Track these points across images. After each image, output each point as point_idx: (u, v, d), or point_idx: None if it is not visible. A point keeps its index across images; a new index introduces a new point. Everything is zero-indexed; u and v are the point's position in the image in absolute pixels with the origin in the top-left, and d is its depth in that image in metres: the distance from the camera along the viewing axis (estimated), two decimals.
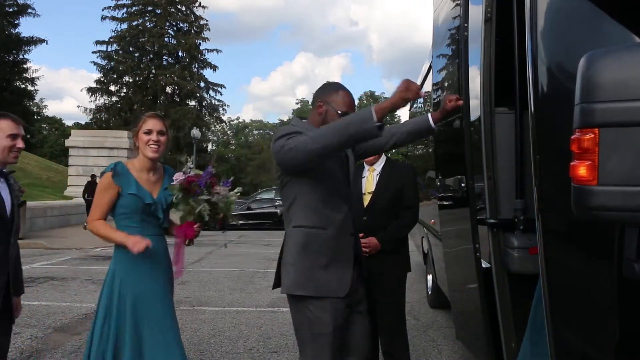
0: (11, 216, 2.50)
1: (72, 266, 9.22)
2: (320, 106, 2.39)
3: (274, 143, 2.29)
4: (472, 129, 3.02)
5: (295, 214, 2.34)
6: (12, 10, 34.42)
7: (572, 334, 2.02)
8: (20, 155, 2.57)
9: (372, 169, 3.33)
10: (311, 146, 2.13)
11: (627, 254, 1.70)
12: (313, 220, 2.30)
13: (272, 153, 2.38)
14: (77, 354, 4.29)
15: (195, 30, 40.47)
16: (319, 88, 2.48)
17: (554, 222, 2.04)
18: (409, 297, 6.36)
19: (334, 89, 2.43)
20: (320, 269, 2.28)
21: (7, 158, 2.50)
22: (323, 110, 2.38)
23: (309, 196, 2.31)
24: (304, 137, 2.18)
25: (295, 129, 2.28)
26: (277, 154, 2.25)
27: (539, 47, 2.01)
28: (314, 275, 2.27)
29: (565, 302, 2.00)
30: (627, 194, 1.50)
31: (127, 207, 2.55)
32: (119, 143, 22.50)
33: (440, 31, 3.94)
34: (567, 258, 2.03)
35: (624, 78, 1.51)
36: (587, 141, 1.54)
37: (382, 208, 3.22)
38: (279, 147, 2.23)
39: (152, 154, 2.59)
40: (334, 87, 2.44)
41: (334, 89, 2.43)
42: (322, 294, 2.27)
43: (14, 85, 35.25)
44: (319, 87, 2.50)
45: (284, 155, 2.21)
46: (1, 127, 2.47)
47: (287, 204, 2.37)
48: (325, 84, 2.49)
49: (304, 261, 2.29)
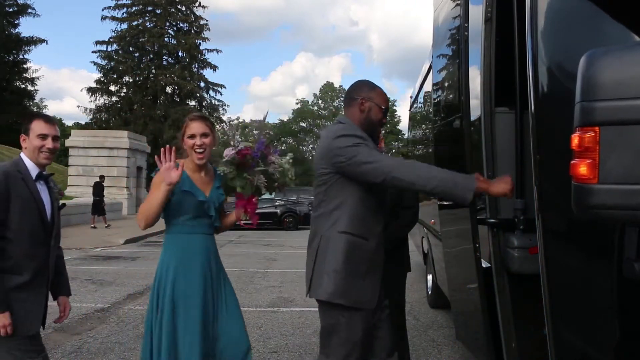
0: (52, 219, 2.48)
1: (72, 266, 9.22)
2: (363, 103, 2.47)
3: (332, 140, 2.32)
4: (472, 128, 3.02)
5: (341, 218, 2.33)
6: (12, 10, 34.43)
7: (572, 334, 2.02)
8: (54, 156, 2.50)
9: None
10: (396, 175, 2.18)
11: (627, 254, 1.70)
12: (359, 229, 2.33)
13: (324, 148, 2.37)
14: (77, 353, 4.29)
15: (195, 30, 40.46)
16: (355, 87, 2.55)
17: (554, 222, 2.04)
18: (409, 297, 6.35)
19: (372, 86, 2.54)
20: (360, 279, 2.32)
21: (39, 158, 2.44)
22: (366, 107, 2.46)
23: (358, 204, 2.33)
24: (388, 161, 2.22)
25: (356, 133, 2.33)
26: (348, 161, 2.26)
27: (539, 47, 2.01)
28: (355, 285, 2.32)
29: (565, 302, 2.00)
30: (627, 192, 1.50)
31: (180, 205, 2.53)
32: (119, 143, 22.50)
33: (441, 31, 3.94)
34: (567, 258, 2.03)
35: (625, 77, 1.51)
36: (588, 139, 1.54)
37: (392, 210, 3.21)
38: (350, 155, 2.25)
39: (199, 161, 2.58)
40: (371, 85, 2.54)
41: (371, 86, 2.54)
42: (359, 305, 2.33)
43: (14, 85, 35.25)
44: (354, 86, 2.57)
45: (356, 167, 2.25)
46: (32, 128, 2.44)
47: (330, 205, 2.36)
48: (360, 82, 2.57)
49: (348, 270, 2.30)
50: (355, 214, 2.33)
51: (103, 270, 8.77)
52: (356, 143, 2.28)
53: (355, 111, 2.48)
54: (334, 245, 2.32)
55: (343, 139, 2.30)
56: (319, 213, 2.40)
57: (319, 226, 2.40)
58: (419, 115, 7.44)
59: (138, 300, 6.40)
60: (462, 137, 3.05)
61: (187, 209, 2.54)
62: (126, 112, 38.18)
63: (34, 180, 2.42)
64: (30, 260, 2.39)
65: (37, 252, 2.42)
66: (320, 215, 2.40)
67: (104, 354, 4.30)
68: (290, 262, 9.99)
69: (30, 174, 2.41)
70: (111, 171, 22.21)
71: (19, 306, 2.34)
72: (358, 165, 2.25)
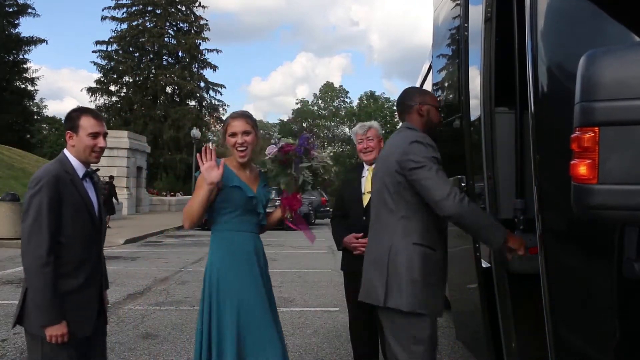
0: (99, 216, 2.43)
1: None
2: (421, 107, 2.55)
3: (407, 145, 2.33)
4: (472, 129, 3.02)
5: (413, 228, 2.35)
6: (12, 10, 34.44)
7: (572, 334, 2.02)
8: (102, 154, 2.43)
9: (371, 169, 3.32)
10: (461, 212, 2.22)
11: (627, 254, 1.70)
12: (429, 240, 2.38)
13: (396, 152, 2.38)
14: None
15: (195, 30, 40.50)
16: (407, 95, 2.63)
17: (554, 222, 2.04)
18: None
19: (422, 91, 2.72)
20: (433, 289, 2.38)
21: (89, 158, 2.37)
22: (424, 111, 2.54)
23: (428, 214, 2.35)
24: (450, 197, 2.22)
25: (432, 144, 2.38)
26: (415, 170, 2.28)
27: (539, 47, 2.01)
28: (432, 295, 2.36)
29: (565, 302, 2.00)
30: (627, 192, 1.50)
31: (229, 201, 2.48)
32: (119, 143, 22.51)
33: (441, 31, 3.94)
34: (567, 258, 2.03)
35: (624, 77, 1.51)
36: (588, 140, 1.54)
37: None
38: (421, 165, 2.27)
39: (241, 159, 2.54)
40: (421, 90, 2.71)
41: (421, 91, 2.72)
42: (437, 315, 2.41)
43: (14, 85, 35.24)
44: (405, 95, 2.64)
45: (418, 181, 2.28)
46: (82, 125, 2.32)
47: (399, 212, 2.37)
48: (409, 89, 2.68)
49: (425, 281, 2.33)
50: (426, 224, 2.37)
51: None
52: (431, 157, 2.31)
53: (415, 117, 2.55)
54: (408, 256, 2.33)
55: (419, 146, 2.33)
56: (385, 220, 2.41)
57: (385, 234, 2.40)
58: None
59: (138, 300, 6.40)
60: (462, 137, 3.05)
61: (236, 205, 2.49)
62: (126, 112, 38.22)
63: (81, 179, 2.35)
64: (84, 262, 2.34)
65: (90, 253, 2.38)
66: (385, 222, 2.41)
67: None
68: (290, 262, 9.98)
69: (77, 173, 2.34)
70: (111, 171, 22.19)
71: (73, 310, 2.29)
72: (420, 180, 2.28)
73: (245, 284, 2.48)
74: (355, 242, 3.19)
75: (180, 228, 19.97)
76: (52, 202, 2.20)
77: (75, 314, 2.30)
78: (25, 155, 26.42)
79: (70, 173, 2.31)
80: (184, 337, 4.89)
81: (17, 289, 6.97)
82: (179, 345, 4.58)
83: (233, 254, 2.49)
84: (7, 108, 32.28)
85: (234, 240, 2.52)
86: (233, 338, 2.41)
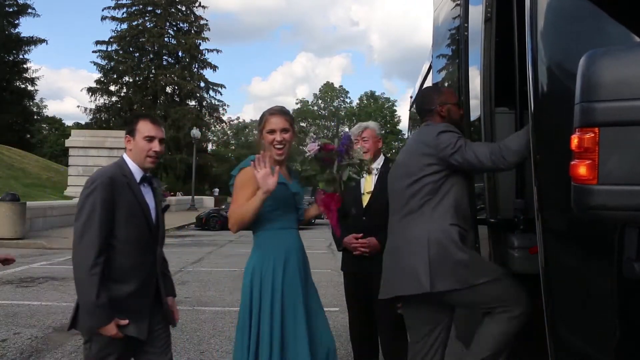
0: (157, 223, 2.37)
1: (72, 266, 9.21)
2: (441, 109, 2.61)
3: (435, 137, 2.42)
4: (472, 129, 3.02)
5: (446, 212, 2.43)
6: (12, 10, 34.47)
7: (572, 334, 2.02)
8: (158, 159, 2.37)
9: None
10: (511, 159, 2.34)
11: (627, 254, 1.70)
12: (463, 222, 2.46)
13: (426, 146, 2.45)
14: (77, 353, 4.29)
15: (195, 30, 40.52)
16: (424, 99, 2.71)
17: (554, 222, 2.03)
18: None
19: (438, 90, 2.77)
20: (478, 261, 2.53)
21: (144, 162, 2.33)
22: (445, 111, 2.61)
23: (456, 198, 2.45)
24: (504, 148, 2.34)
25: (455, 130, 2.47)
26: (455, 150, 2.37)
27: (539, 47, 2.01)
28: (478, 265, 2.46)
29: (565, 302, 2.00)
30: (627, 193, 1.50)
31: (273, 198, 2.38)
32: (119, 143, 22.47)
33: (441, 31, 3.94)
34: (567, 258, 2.03)
35: (625, 77, 1.51)
36: (588, 140, 1.54)
37: (381, 208, 3.21)
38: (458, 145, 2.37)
39: (279, 157, 2.47)
40: (436, 89, 2.77)
41: (438, 90, 2.78)
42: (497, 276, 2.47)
43: (14, 85, 35.28)
44: (422, 99, 2.73)
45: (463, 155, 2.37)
46: (138, 128, 2.31)
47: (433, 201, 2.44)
48: (425, 92, 2.78)
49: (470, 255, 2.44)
50: (455, 207, 2.44)
51: None
52: (459, 137, 2.42)
53: (437, 119, 2.60)
54: (447, 237, 2.39)
55: (447, 134, 2.42)
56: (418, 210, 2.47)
57: (416, 223, 2.46)
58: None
59: None
60: None
61: (279, 202, 2.43)
62: (126, 112, 38.21)
63: (138, 184, 2.31)
64: (137, 268, 2.29)
65: (144, 260, 2.32)
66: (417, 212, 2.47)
67: None
68: None
69: (134, 177, 2.30)
70: None
71: (125, 316, 2.22)
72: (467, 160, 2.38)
73: (295, 283, 2.43)
74: (355, 243, 3.19)
75: (180, 228, 20.02)
76: (105, 203, 2.17)
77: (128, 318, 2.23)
78: (25, 155, 26.44)
79: (128, 177, 2.27)
80: (184, 337, 4.89)
81: (17, 289, 6.97)
82: (179, 345, 4.58)
83: (279, 252, 2.43)
84: (7, 108, 32.30)
85: (281, 239, 2.47)
86: (278, 339, 2.35)
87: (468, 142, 2.43)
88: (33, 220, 14.07)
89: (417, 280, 2.39)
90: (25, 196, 16.27)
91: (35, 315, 5.39)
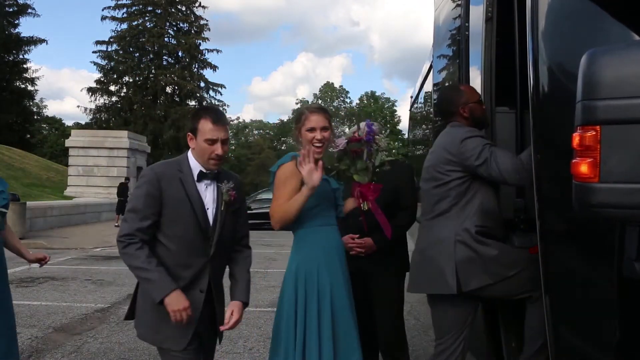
0: (214, 222, 2.21)
1: (72, 266, 9.22)
2: (464, 110, 2.60)
3: (460, 144, 2.42)
4: None
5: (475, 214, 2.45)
6: (12, 10, 34.43)
7: (572, 333, 2.02)
8: (222, 162, 2.20)
9: None
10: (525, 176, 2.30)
11: (628, 253, 1.70)
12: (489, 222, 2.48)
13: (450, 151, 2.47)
14: (77, 353, 4.29)
15: (195, 30, 40.48)
16: (445, 101, 2.73)
17: (554, 222, 2.03)
18: (409, 297, 6.32)
19: (457, 90, 2.75)
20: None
21: (207, 164, 2.19)
22: (467, 112, 2.60)
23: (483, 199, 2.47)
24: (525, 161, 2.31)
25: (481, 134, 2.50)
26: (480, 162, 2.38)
27: (540, 47, 2.01)
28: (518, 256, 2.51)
29: (565, 302, 2.00)
30: (628, 191, 1.50)
31: (315, 194, 2.34)
32: (119, 143, 22.51)
33: (441, 31, 3.94)
34: (567, 258, 2.03)
35: (626, 75, 1.51)
36: (589, 138, 1.54)
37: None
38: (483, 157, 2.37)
39: (317, 155, 2.40)
40: (456, 89, 2.75)
41: (457, 90, 2.76)
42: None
43: (14, 85, 35.22)
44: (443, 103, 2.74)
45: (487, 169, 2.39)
46: (199, 128, 2.15)
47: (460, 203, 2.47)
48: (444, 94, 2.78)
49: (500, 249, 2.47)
50: (486, 209, 2.47)
51: (103, 270, 8.76)
52: (485, 144, 2.42)
53: (460, 120, 2.60)
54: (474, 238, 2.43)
55: (471, 141, 2.42)
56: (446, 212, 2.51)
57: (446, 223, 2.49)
58: (419, 115, 7.43)
59: None
60: None
61: (322, 199, 2.39)
62: (126, 112, 38.19)
63: (195, 180, 2.19)
64: (184, 269, 2.17)
65: (193, 261, 2.18)
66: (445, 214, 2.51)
67: (104, 354, 4.29)
68: None
69: (192, 173, 2.19)
70: (111, 171, 22.22)
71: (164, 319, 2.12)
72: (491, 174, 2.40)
73: (339, 282, 2.41)
74: (352, 243, 3.18)
75: None
76: (149, 196, 2.11)
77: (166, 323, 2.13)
78: (25, 155, 26.43)
79: (184, 172, 2.18)
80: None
81: (16, 289, 6.97)
82: None
83: (323, 250, 2.40)
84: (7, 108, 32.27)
85: (324, 236, 2.44)
86: (330, 339, 2.31)
87: (493, 152, 2.40)
88: (33, 220, 14.07)
89: (444, 281, 2.44)
90: (25, 196, 16.27)
91: (35, 315, 5.38)
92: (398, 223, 3.27)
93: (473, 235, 2.43)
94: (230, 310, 2.30)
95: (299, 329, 2.33)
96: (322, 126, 2.43)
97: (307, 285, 2.37)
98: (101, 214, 18.95)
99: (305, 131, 2.45)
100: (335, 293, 2.38)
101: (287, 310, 2.38)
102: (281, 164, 2.43)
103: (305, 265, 2.40)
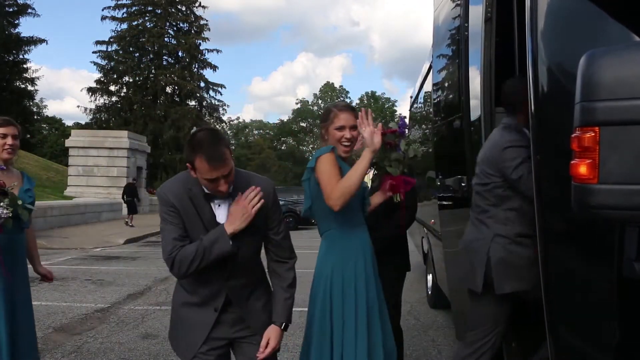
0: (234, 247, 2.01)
1: (72, 266, 9.22)
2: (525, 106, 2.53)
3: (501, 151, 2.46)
4: (472, 129, 3.02)
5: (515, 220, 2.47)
6: (12, 10, 34.41)
7: (572, 334, 2.02)
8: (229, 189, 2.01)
9: None
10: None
11: (627, 254, 1.70)
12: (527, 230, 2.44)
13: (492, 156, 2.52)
14: (77, 353, 4.28)
15: (195, 30, 40.46)
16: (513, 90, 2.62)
17: (553, 222, 2.04)
18: (409, 297, 6.34)
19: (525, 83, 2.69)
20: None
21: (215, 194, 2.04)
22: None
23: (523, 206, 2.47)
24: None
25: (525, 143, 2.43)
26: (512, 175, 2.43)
27: (539, 47, 2.01)
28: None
29: (565, 302, 2.00)
30: (627, 192, 1.51)
31: None
32: (119, 143, 22.50)
33: (441, 31, 3.94)
34: (567, 258, 2.03)
35: (625, 76, 1.51)
36: (588, 139, 1.54)
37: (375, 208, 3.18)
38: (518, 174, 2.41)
39: (345, 154, 2.38)
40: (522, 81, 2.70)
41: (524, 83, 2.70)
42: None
43: (14, 85, 35.22)
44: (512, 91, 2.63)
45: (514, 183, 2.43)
46: (197, 167, 1.94)
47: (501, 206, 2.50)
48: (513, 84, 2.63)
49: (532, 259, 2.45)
50: (525, 212, 2.46)
51: (103, 270, 8.76)
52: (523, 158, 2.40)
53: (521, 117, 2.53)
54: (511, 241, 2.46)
55: (512, 151, 2.44)
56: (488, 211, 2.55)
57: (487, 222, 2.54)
58: (419, 115, 7.44)
59: (138, 300, 6.40)
60: (462, 137, 3.05)
61: (354, 197, 2.27)
62: (126, 112, 38.18)
63: (205, 198, 2.04)
64: (201, 285, 2.09)
65: (208, 279, 2.08)
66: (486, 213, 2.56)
67: (104, 354, 4.29)
68: None
69: (203, 190, 2.03)
70: (111, 171, 22.21)
71: (183, 323, 2.13)
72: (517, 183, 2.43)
73: (371, 282, 2.36)
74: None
75: None
76: (169, 209, 2.02)
77: (182, 327, 2.14)
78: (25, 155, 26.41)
79: (193, 190, 2.02)
80: None
81: None
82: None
83: (357, 251, 2.34)
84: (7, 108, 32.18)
85: (355, 236, 2.37)
86: (364, 339, 2.27)
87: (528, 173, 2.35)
88: (33, 220, 14.02)
89: (473, 278, 2.54)
90: None
91: (35, 315, 5.37)
92: (396, 223, 3.27)
93: (511, 239, 2.46)
94: (267, 338, 2.13)
95: (336, 336, 2.28)
96: (351, 125, 2.38)
97: (344, 289, 2.30)
98: (101, 214, 18.94)
99: (334, 130, 2.38)
100: (372, 298, 2.34)
101: (319, 313, 2.31)
102: (318, 157, 2.31)
103: (342, 268, 2.31)
